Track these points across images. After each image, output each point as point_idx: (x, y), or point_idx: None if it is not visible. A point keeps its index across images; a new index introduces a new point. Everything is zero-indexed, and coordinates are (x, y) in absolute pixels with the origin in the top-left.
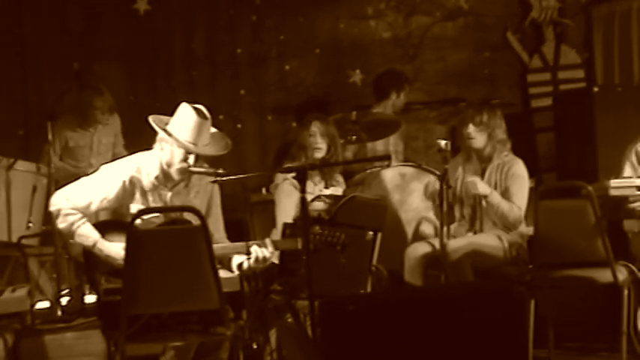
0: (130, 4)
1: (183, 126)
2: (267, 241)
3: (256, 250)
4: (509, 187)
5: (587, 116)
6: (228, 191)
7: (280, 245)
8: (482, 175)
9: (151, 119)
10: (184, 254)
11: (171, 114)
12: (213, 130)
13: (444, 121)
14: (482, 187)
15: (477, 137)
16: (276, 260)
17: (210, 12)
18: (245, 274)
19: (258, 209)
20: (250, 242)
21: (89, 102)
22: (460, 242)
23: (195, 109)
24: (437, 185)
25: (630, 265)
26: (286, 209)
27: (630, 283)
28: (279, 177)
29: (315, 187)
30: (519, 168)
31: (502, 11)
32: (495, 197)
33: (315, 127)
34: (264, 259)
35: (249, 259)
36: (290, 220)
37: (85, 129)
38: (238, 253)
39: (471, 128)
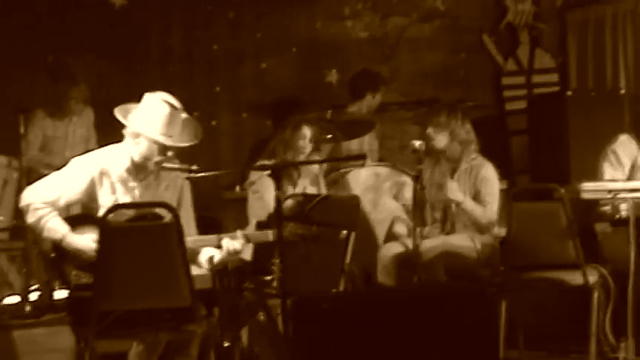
0: None
1: (155, 120)
2: (239, 233)
3: (227, 243)
4: (480, 191)
5: (561, 120)
6: (202, 188)
7: (251, 238)
8: (451, 178)
9: (118, 114)
10: (157, 251)
11: None
12: (186, 116)
13: (419, 121)
14: (456, 194)
15: (437, 138)
16: (248, 258)
17: (187, 8)
18: (215, 269)
19: (232, 206)
20: (221, 235)
21: (64, 92)
22: (433, 243)
23: (166, 101)
24: (410, 187)
25: (600, 267)
26: (268, 202)
27: (600, 285)
28: (256, 173)
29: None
30: (489, 171)
31: (478, 14)
32: (469, 203)
33: (307, 131)
34: (235, 251)
35: (220, 252)
36: (263, 215)
37: (61, 119)
38: (210, 245)
39: (430, 130)
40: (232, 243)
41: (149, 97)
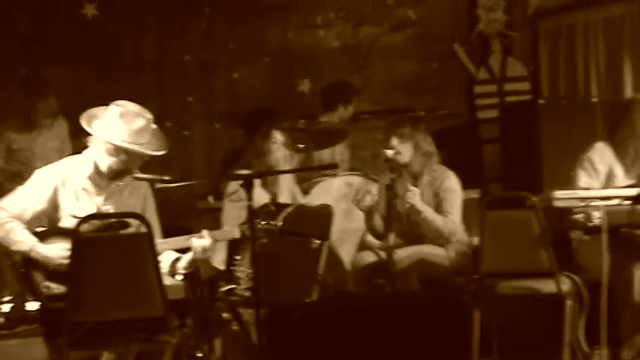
0: (78, 8)
1: (123, 127)
2: (205, 232)
3: (195, 242)
4: (442, 201)
5: (533, 128)
6: (175, 198)
7: (217, 236)
8: None
9: (84, 123)
10: (129, 261)
11: None
12: (153, 127)
13: (389, 131)
14: (416, 200)
15: (402, 150)
16: (222, 267)
17: (159, 18)
18: (187, 271)
19: (205, 216)
20: (188, 235)
21: (32, 105)
22: (406, 251)
23: (135, 111)
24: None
25: (573, 276)
26: (231, 221)
27: (573, 293)
28: (230, 189)
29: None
30: (451, 181)
31: (450, 22)
32: (429, 213)
33: (277, 136)
34: (204, 248)
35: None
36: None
37: (28, 132)
38: (179, 247)
39: (395, 141)
40: (200, 241)
41: (117, 109)
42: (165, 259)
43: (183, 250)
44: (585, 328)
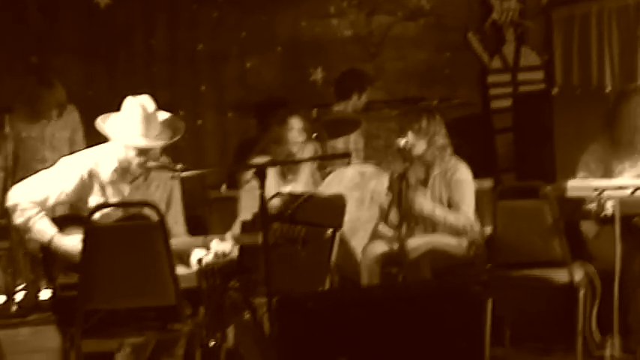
0: None
1: (130, 123)
2: (228, 235)
3: (216, 245)
4: (455, 194)
5: (546, 117)
6: (187, 187)
7: (241, 240)
8: (425, 183)
9: (99, 122)
10: (142, 250)
11: None
12: (164, 116)
13: (402, 120)
14: (425, 206)
15: (417, 144)
16: (235, 256)
17: (171, 8)
18: (204, 270)
19: (217, 206)
20: (210, 236)
21: (39, 94)
22: (419, 241)
23: (139, 102)
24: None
25: (587, 265)
26: (247, 209)
27: (587, 283)
28: (249, 172)
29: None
30: (463, 172)
31: (463, 12)
32: (439, 213)
33: (295, 123)
34: (224, 253)
35: (208, 254)
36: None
37: (36, 121)
38: (197, 247)
39: (410, 136)
40: (221, 245)
41: (127, 102)
42: (194, 256)
43: None
44: (598, 317)
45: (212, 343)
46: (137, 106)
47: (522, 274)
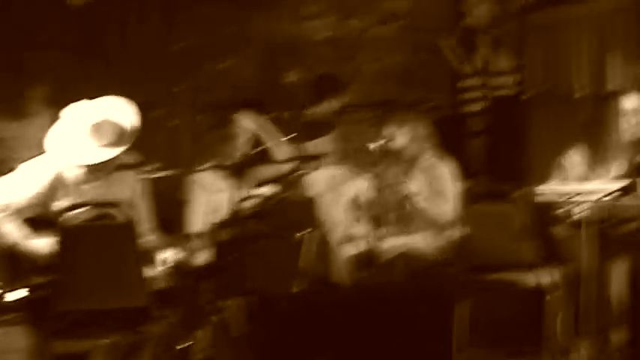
0: None
1: (73, 138)
2: (192, 232)
3: (183, 242)
4: (437, 189)
5: (519, 122)
6: (160, 187)
7: (206, 236)
8: (407, 177)
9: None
10: (112, 250)
11: None
12: (108, 123)
13: (377, 123)
14: (412, 192)
15: (398, 138)
16: (206, 257)
17: (145, 7)
18: (175, 270)
19: None
20: (176, 235)
21: (21, 92)
22: (392, 242)
23: (80, 111)
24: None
25: (555, 269)
26: (196, 212)
27: (555, 287)
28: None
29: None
30: (445, 168)
31: (437, 15)
32: (422, 203)
33: (244, 121)
34: (191, 250)
35: (176, 252)
36: (198, 224)
37: (17, 120)
38: (165, 246)
39: (392, 129)
40: (188, 243)
41: (63, 113)
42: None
43: None
44: (568, 321)
45: (183, 345)
46: (83, 115)
47: (492, 278)
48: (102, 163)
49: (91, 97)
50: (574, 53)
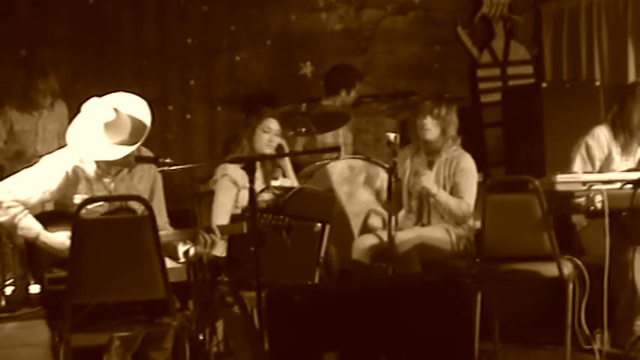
0: None
1: (91, 133)
2: (214, 226)
3: (203, 235)
4: (458, 182)
5: (536, 112)
6: (176, 181)
7: (226, 230)
8: (430, 168)
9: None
10: (130, 243)
11: None
12: (126, 117)
13: (393, 114)
14: (430, 183)
15: (432, 129)
16: (223, 250)
17: (160, 1)
18: (191, 262)
19: (206, 200)
20: (196, 228)
21: (32, 84)
22: (408, 235)
23: (100, 107)
24: (385, 179)
25: (575, 259)
26: (224, 205)
27: (575, 277)
28: (218, 172)
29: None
30: (468, 162)
31: (452, 6)
32: (442, 195)
33: (272, 124)
34: (212, 243)
35: (195, 245)
36: (225, 217)
37: (29, 112)
38: (184, 239)
39: (428, 119)
40: (209, 236)
41: (85, 108)
42: (180, 248)
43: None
44: (587, 311)
45: (201, 337)
46: (98, 112)
47: (511, 268)
48: (120, 158)
49: (105, 93)
50: (592, 41)
